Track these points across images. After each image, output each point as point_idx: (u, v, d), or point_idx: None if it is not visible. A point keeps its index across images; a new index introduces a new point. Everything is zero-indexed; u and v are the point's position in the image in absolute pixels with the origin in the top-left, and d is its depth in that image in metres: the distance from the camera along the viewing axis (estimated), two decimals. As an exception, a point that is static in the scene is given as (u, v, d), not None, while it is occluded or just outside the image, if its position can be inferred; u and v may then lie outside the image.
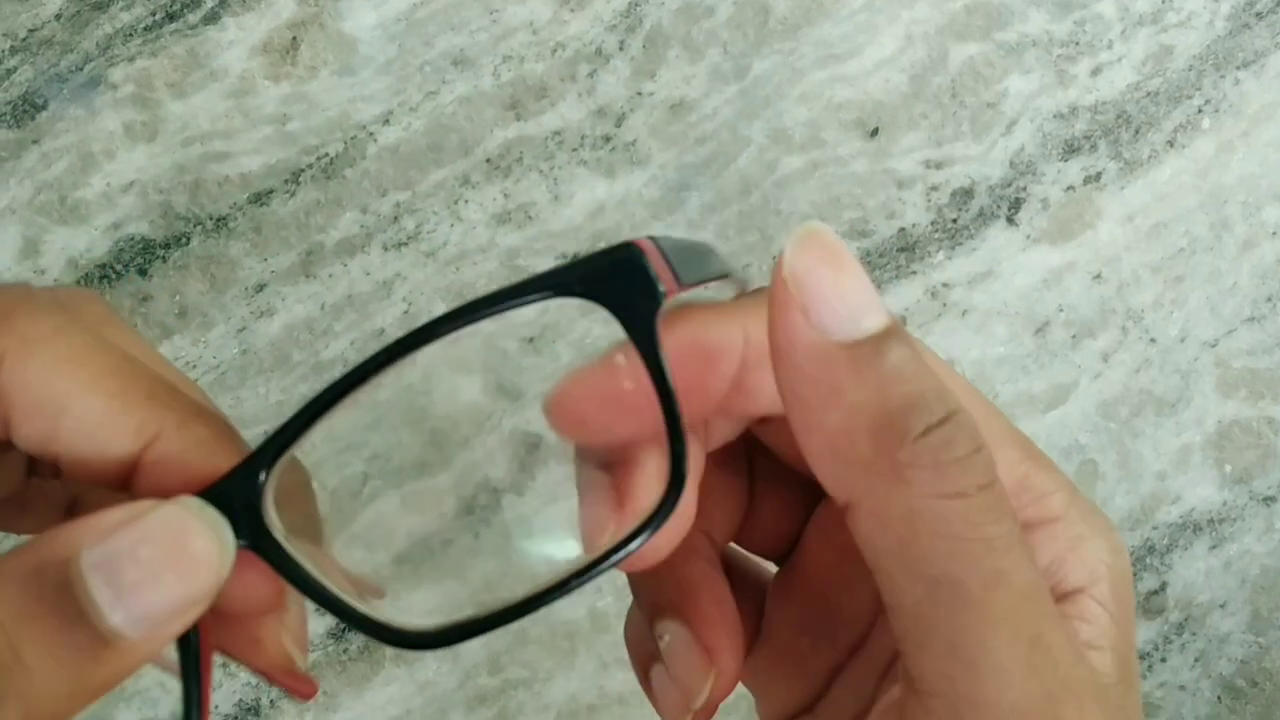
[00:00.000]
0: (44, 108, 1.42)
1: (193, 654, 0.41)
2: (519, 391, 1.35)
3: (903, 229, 1.41)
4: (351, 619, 0.42)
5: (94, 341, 0.46)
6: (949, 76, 1.42)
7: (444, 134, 1.42)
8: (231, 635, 0.46)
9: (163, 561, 0.36)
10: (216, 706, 1.33)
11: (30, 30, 1.44)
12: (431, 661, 1.34)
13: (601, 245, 1.41)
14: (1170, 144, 1.43)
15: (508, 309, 0.42)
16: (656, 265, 0.42)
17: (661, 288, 0.42)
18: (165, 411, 0.45)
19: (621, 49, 1.43)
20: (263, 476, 0.41)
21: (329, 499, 1.37)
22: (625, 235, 1.42)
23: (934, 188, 1.41)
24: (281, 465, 0.43)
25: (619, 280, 0.41)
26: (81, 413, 0.43)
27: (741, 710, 1.32)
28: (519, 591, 0.43)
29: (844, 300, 0.38)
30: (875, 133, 1.41)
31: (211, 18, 1.44)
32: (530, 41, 1.43)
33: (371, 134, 1.42)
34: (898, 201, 1.41)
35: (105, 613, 0.35)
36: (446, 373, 1.35)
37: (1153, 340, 1.40)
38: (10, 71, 1.43)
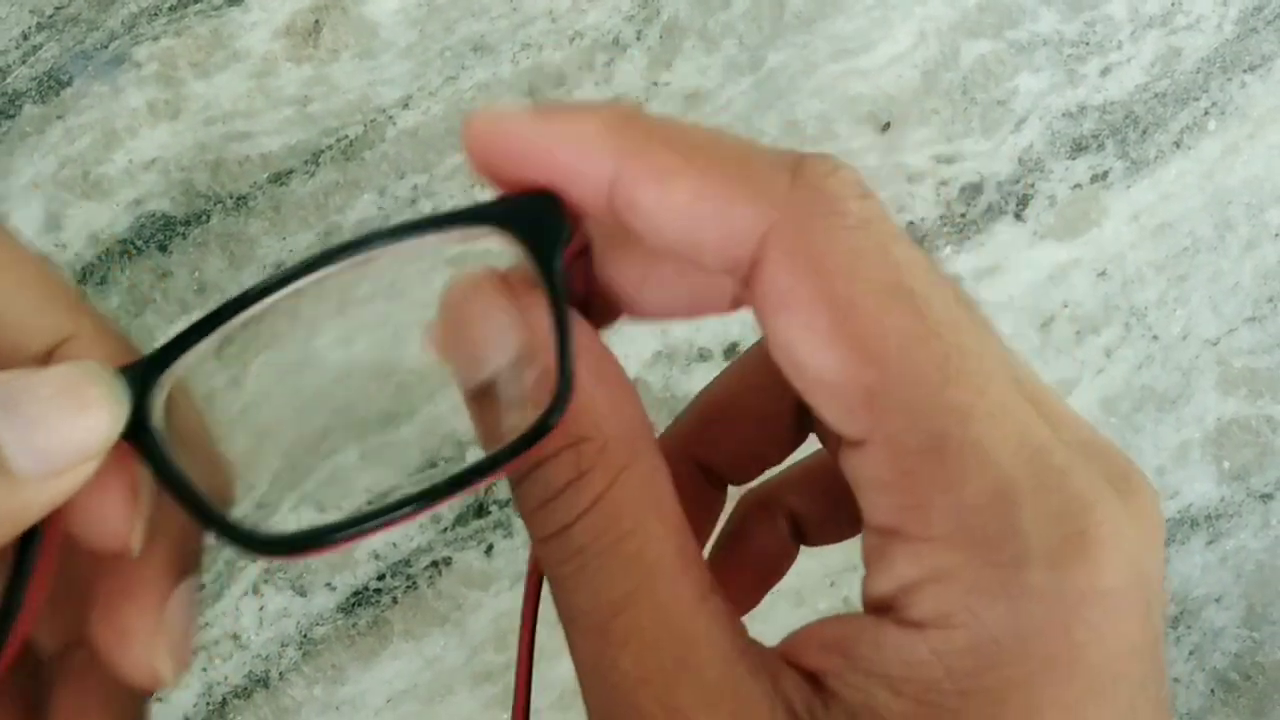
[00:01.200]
0: (69, 84, 1.44)
1: (34, 547, 0.39)
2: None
3: (912, 222, 1.43)
4: (211, 521, 0.41)
5: (25, 254, 0.46)
6: (960, 73, 1.45)
7: (462, 119, 1.44)
8: (106, 619, 0.43)
9: (63, 402, 0.37)
10: (225, 678, 1.35)
11: (57, 8, 1.47)
12: (439, 637, 1.36)
13: (615, 232, 1.43)
14: (1176, 145, 1.46)
15: (432, 233, 0.44)
16: (569, 213, 0.44)
17: (568, 229, 0.44)
18: (84, 319, 0.45)
19: (639, 39, 1.45)
20: (155, 378, 0.41)
21: (285, 454, 1.38)
22: (638, 222, 1.45)
23: (943, 182, 1.43)
24: (176, 383, 0.43)
25: (534, 218, 0.43)
26: (3, 309, 0.44)
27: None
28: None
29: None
30: (887, 127, 1.43)
31: (235, -1, 1.46)
32: (549, 30, 1.45)
33: (391, 117, 1.44)
34: (908, 195, 1.43)
35: (3, 442, 0.35)
36: (416, 330, 1.37)
37: (1155, 337, 1.43)
38: (36, 48, 1.45)
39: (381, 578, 1.36)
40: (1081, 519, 0.35)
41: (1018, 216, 1.43)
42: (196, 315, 1.25)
